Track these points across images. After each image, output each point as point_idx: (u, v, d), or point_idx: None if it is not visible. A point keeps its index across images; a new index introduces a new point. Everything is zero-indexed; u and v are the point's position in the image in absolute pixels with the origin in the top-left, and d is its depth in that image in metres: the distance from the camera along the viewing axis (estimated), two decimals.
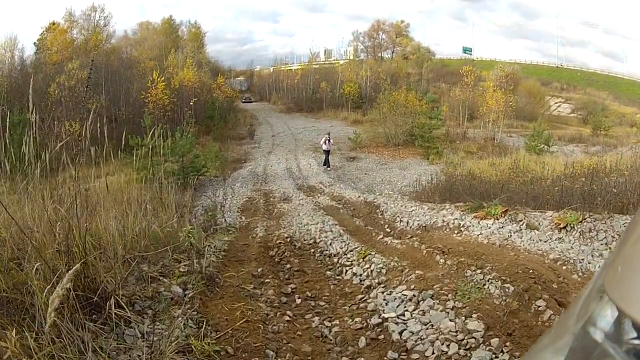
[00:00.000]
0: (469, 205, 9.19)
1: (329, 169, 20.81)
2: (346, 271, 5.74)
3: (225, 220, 8.89)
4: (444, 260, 5.58)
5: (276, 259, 6.20)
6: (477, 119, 36.93)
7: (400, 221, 9.08)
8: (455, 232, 7.55)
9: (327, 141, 21.40)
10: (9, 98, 24.22)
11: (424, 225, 8.50)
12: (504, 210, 8.12)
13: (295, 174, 19.22)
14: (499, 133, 35.28)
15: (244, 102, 44.89)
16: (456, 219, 8.15)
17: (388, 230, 8.67)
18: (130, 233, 5.59)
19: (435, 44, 54.28)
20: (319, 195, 13.58)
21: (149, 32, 42.58)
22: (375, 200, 11.41)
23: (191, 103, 27.00)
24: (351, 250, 6.46)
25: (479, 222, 7.84)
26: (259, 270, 5.49)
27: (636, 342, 0.55)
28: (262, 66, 52.58)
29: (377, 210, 10.45)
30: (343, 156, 24.44)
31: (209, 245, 6.37)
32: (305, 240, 7.14)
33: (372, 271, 5.50)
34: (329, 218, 8.91)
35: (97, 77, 27.47)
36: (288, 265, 5.89)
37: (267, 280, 5.17)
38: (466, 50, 49.66)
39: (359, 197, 12.39)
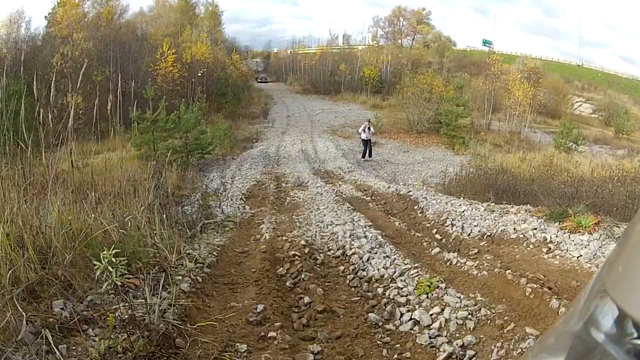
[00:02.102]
0: (544, 210, 6.81)
1: (366, 159, 17.96)
2: (401, 315, 3.42)
3: (222, 211, 6.54)
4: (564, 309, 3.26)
5: (287, 283, 3.88)
6: (498, 112, 34.45)
7: (452, 225, 6.67)
8: (544, 250, 5.11)
9: (367, 129, 18.22)
10: (14, 70, 22.21)
11: (487, 234, 6.08)
12: (596, 221, 5.68)
13: (311, 157, 16.85)
14: (525, 127, 32.73)
15: (259, 82, 42.53)
16: (535, 229, 5.72)
17: (439, 237, 6.28)
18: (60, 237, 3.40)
19: (453, 34, 51.07)
20: (339, 182, 11.20)
21: (165, 9, 40.15)
22: (411, 193, 9.00)
23: (199, 74, 24.56)
24: (402, 274, 4.12)
25: (569, 237, 5.41)
26: (259, 308, 3.17)
27: (637, 342, 0.52)
28: (280, 48, 49.97)
29: (416, 207, 8.05)
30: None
31: (187, 255, 4.07)
32: (330, 251, 4.81)
33: (448, 322, 3.18)
34: (359, 215, 6.53)
35: (105, 49, 25.13)
36: (306, 298, 3.56)
37: (270, 334, 2.86)
38: (486, 42, 46.76)
39: (388, 187, 9.99)
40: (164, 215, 5.07)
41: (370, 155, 17.98)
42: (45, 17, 29.21)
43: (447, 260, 4.82)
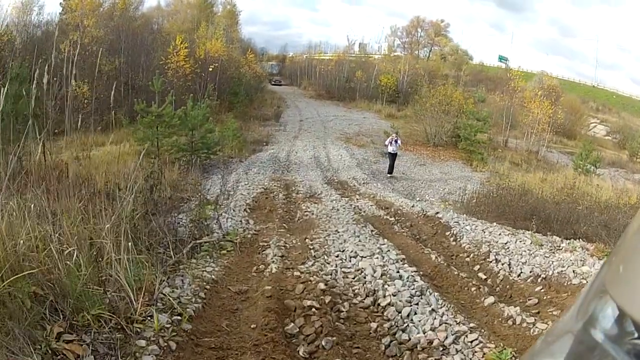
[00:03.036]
0: (602, 249, 5.61)
1: (390, 175, 16.21)
2: None
3: (220, 226, 5.33)
4: None
5: (301, 351, 2.67)
6: (514, 129, 33.32)
7: (497, 261, 5.42)
8: None
9: (394, 141, 16.02)
10: (24, 55, 21.44)
11: (542, 276, 4.82)
12: None
13: (324, 165, 15.61)
14: (543, 147, 31.47)
15: (273, 84, 41.60)
16: None
17: (483, 276, 5.05)
18: None
19: (470, 49, 50.42)
20: (355, 196, 9.96)
21: (182, 5, 39.85)
22: (440, 215, 7.75)
23: (210, 69, 23.43)
24: (457, 339, 2.94)
25: None
26: None
27: (637, 342, 0.52)
28: (296, 52, 49.75)
29: (448, 233, 6.81)
30: (378, 151, 20.71)
31: (161, 300, 2.87)
32: (357, 297, 3.60)
33: None
34: (387, 244, 5.27)
35: (117, 40, 24.10)
36: None
37: None
38: (502, 58, 46.43)
39: (412, 206, 8.72)
40: (144, 232, 3.90)
41: (390, 171, 16.39)
42: (60, 3, 28.37)
43: (509, 317, 3.60)
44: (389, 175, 15.88)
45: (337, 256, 4.50)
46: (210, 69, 23.39)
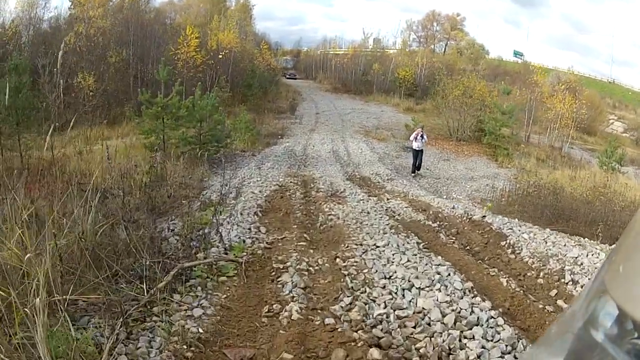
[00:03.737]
0: None
1: (415, 174, 14.34)
2: None
3: (222, 237, 4.01)
4: None
5: None
6: (534, 124, 31.93)
7: (573, 282, 4.12)
8: None
9: (419, 137, 14.13)
10: (33, 50, 20.56)
11: None
12: None
13: (343, 159, 14.23)
14: (567, 143, 29.93)
15: (288, 78, 40.34)
16: None
17: (566, 306, 3.61)
18: None
19: (485, 43, 49.21)
20: (384, 194, 8.56)
21: (195, 0, 38.86)
22: (489, 220, 6.36)
23: (220, 56, 22.15)
24: None
25: None
26: None
27: (637, 342, 0.51)
28: (310, 47, 48.36)
29: (503, 243, 5.41)
30: (399, 145, 19.26)
31: None
32: None
33: None
34: (443, 264, 3.89)
35: (127, 31, 22.86)
36: None
37: None
38: (517, 54, 45.43)
39: (453, 208, 7.29)
40: (113, 252, 2.64)
41: (417, 170, 14.55)
42: None
43: None
44: (412, 175, 14.35)
45: (383, 287, 3.15)
46: (220, 57, 22.05)
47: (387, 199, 7.80)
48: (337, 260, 3.74)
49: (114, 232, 3.14)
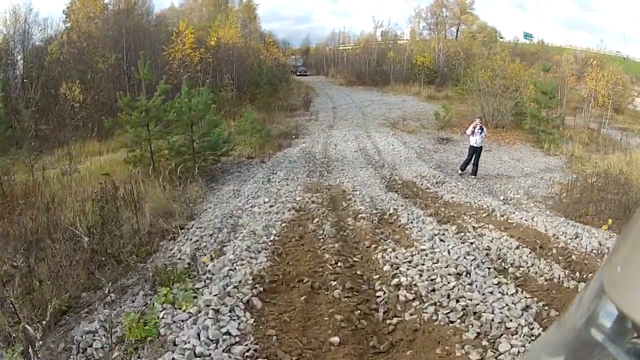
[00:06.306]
0: None
1: (463, 173, 11.35)
2: None
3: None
4: None
5: None
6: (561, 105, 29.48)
7: None
8: None
9: (478, 129, 11.35)
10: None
11: None
12: None
13: (374, 159, 11.32)
14: (606, 123, 27.06)
15: (298, 75, 37.70)
16: None
17: None
18: None
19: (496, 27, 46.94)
20: (453, 213, 5.69)
21: (197, 4, 37.17)
22: None
23: (212, 47, 19.55)
24: None
25: None
26: None
27: (637, 341, 0.50)
28: (319, 43, 46.29)
29: None
30: (431, 136, 16.37)
31: None
32: None
33: None
34: None
35: (118, 35, 20.26)
36: None
37: None
38: (527, 36, 43.73)
39: (575, 237, 4.44)
40: None
41: (474, 174, 11.43)
42: (64, 10, 24.97)
43: None
44: (460, 172, 11.38)
45: None
46: (217, 50, 19.41)
47: (474, 227, 4.86)
48: None
49: None
